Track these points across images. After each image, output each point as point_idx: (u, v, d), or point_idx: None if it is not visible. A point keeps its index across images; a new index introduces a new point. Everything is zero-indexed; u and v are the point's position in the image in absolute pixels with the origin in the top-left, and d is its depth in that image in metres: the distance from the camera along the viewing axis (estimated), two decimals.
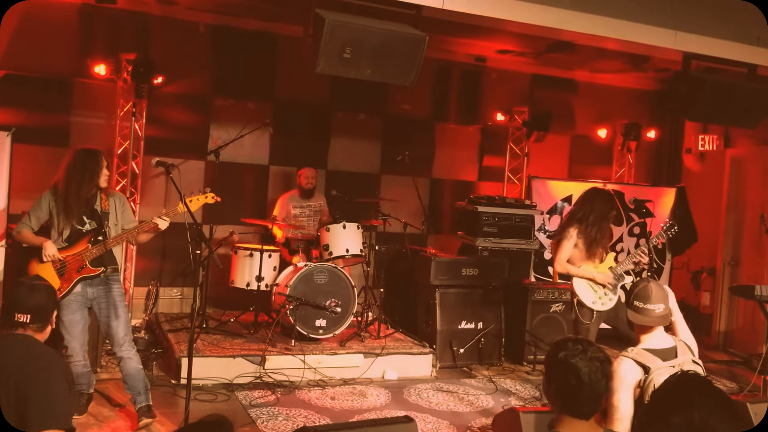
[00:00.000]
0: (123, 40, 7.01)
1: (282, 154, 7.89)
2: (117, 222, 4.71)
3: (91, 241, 4.59)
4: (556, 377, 2.33)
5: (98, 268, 4.61)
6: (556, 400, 2.35)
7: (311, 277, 6.36)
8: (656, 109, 9.30)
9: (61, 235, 4.57)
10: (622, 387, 3.15)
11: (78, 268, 4.58)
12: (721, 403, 1.57)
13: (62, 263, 4.55)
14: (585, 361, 2.30)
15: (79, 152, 4.70)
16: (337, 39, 4.55)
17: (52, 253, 4.50)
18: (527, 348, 6.89)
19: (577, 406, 2.29)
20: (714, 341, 8.63)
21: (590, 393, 2.28)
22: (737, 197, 8.72)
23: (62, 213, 4.55)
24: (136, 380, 4.67)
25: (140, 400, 4.67)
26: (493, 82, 8.69)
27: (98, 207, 4.66)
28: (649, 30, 5.51)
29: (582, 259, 5.29)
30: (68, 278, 4.56)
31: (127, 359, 4.65)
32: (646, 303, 3.33)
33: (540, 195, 8.16)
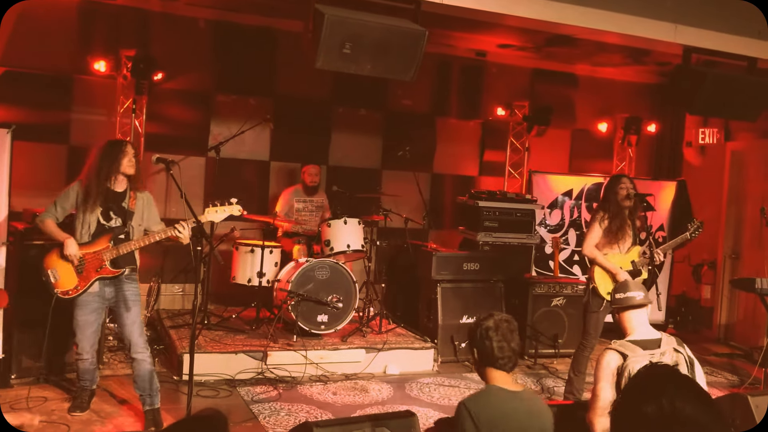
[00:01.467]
0: (123, 36, 7.00)
1: (283, 150, 7.89)
2: (141, 222, 4.63)
3: (113, 240, 4.50)
4: (476, 342, 2.95)
5: (117, 270, 4.52)
6: (482, 361, 2.95)
7: (313, 273, 6.37)
8: (657, 102, 9.29)
9: (88, 229, 4.48)
10: (603, 377, 3.37)
11: (97, 267, 4.49)
12: (685, 387, 1.63)
13: (81, 261, 4.46)
14: (494, 322, 2.92)
15: (105, 143, 4.66)
16: (337, 34, 4.54)
17: (73, 252, 4.42)
18: (528, 342, 6.90)
19: (499, 362, 2.89)
20: (715, 334, 8.65)
21: (507, 348, 2.89)
22: (738, 190, 8.72)
23: (88, 203, 4.46)
24: (146, 382, 4.60)
25: (149, 402, 4.61)
26: (493, 76, 8.68)
27: (126, 204, 4.57)
28: (649, 23, 5.51)
29: (609, 244, 5.33)
30: (86, 277, 4.49)
31: (141, 360, 4.58)
32: (626, 292, 3.62)
33: (541, 189, 8.16)
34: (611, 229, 5.31)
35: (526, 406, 2.88)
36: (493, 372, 2.92)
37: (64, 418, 4.69)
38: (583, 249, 5.43)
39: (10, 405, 4.78)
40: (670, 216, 8.52)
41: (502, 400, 2.85)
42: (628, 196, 5.30)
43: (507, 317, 2.98)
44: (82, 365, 4.70)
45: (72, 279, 4.46)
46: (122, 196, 4.59)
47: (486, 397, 2.88)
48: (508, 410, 2.83)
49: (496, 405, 2.83)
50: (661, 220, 8.48)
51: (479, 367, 2.99)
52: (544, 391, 6.06)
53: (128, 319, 4.56)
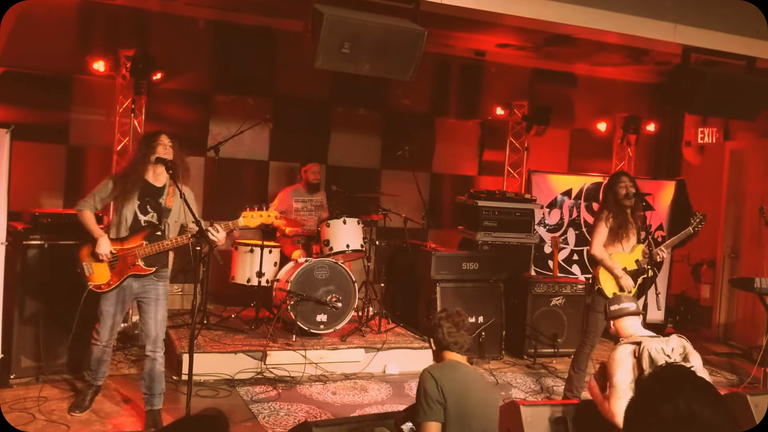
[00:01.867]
0: (122, 36, 7.00)
1: (282, 150, 7.89)
2: (178, 219, 4.62)
3: (147, 238, 4.51)
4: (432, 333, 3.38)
5: (150, 268, 4.54)
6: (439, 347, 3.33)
7: (312, 273, 6.37)
8: (656, 102, 9.30)
9: (125, 223, 4.49)
10: (620, 368, 3.52)
11: (130, 264, 4.51)
12: (702, 390, 1.63)
13: (115, 257, 4.49)
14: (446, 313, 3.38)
15: (141, 137, 4.81)
16: (336, 34, 4.54)
17: (105, 251, 4.45)
18: (528, 341, 6.91)
19: (452, 345, 3.29)
20: (714, 334, 8.65)
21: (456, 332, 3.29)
22: (737, 190, 8.73)
23: (125, 193, 4.47)
24: (154, 381, 4.60)
25: (151, 402, 4.61)
26: (492, 76, 8.68)
27: (163, 201, 4.57)
28: (649, 23, 5.51)
29: (613, 243, 5.35)
30: (119, 272, 4.51)
31: (152, 359, 4.58)
32: (620, 303, 3.91)
33: (540, 189, 8.17)
34: (614, 228, 5.32)
35: (482, 379, 3.31)
36: (449, 354, 3.30)
37: (63, 418, 4.69)
38: (591, 249, 5.42)
39: (9, 405, 4.78)
40: (669, 215, 8.52)
41: (463, 372, 3.21)
42: (627, 195, 5.30)
43: (458, 310, 3.43)
44: (96, 351, 4.71)
45: (105, 274, 4.50)
46: (161, 191, 4.60)
47: (449, 368, 3.22)
48: (469, 381, 3.18)
49: (458, 375, 3.17)
50: (661, 220, 8.49)
51: (436, 351, 3.36)
52: (544, 390, 6.06)
53: (153, 316, 4.58)
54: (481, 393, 3.21)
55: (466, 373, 3.24)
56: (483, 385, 3.31)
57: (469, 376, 3.24)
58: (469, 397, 3.12)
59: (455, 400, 3.07)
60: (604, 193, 5.57)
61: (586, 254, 5.57)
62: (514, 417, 3.85)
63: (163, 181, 4.60)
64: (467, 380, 3.19)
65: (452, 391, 3.08)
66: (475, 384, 3.22)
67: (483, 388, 3.27)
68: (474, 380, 3.24)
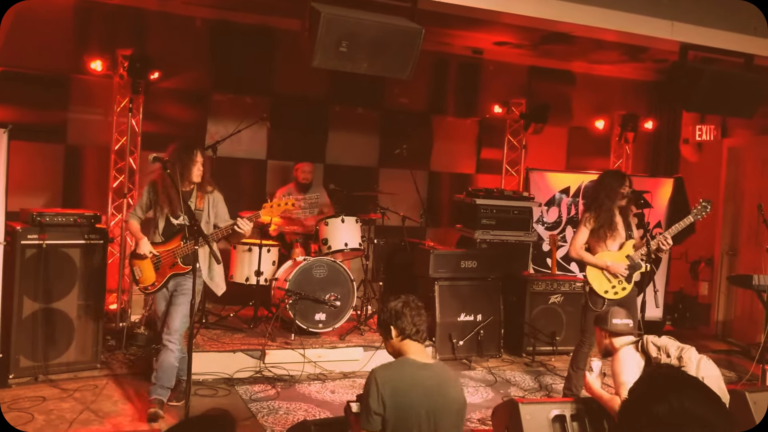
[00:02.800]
0: (119, 35, 6.98)
1: (280, 149, 7.88)
2: (209, 220, 4.87)
3: (184, 239, 4.78)
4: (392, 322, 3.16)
5: (188, 266, 4.74)
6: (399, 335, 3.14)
7: (310, 272, 6.37)
8: (654, 99, 9.30)
9: (157, 228, 4.83)
10: (626, 366, 3.56)
11: (170, 264, 4.80)
12: (694, 387, 1.65)
13: (158, 258, 4.80)
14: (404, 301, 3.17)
15: (177, 145, 4.83)
16: (333, 33, 4.54)
17: (146, 250, 4.77)
18: (526, 339, 6.92)
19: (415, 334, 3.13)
20: (712, 331, 8.66)
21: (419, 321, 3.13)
22: (735, 187, 8.74)
23: (158, 204, 4.78)
24: (166, 373, 4.72)
25: (159, 392, 4.72)
26: (490, 74, 8.68)
27: (192, 203, 4.80)
28: (646, 21, 5.51)
29: (598, 242, 5.29)
30: (162, 273, 4.82)
31: (169, 350, 4.73)
32: (622, 318, 3.95)
33: (538, 187, 8.17)
34: (595, 228, 5.25)
35: (437, 378, 3.05)
36: (410, 344, 3.12)
37: (62, 417, 4.69)
38: (569, 252, 5.41)
39: (8, 405, 4.78)
40: (667, 213, 8.53)
41: (412, 370, 3.03)
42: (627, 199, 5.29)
43: (413, 297, 3.24)
44: (166, 357, 4.78)
45: (151, 276, 4.83)
46: (189, 195, 4.83)
47: (397, 366, 3.07)
48: (417, 379, 3.00)
49: (405, 374, 3.01)
50: (659, 217, 8.49)
51: (395, 342, 3.16)
52: (543, 388, 6.07)
53: (176, 307, 4.79)
54: (430, 390, 2.98)
55: (417, 370, 3.03)
56: (434, 383, 3.01)
57: (420, 373, 3.02)
58: (413, 396, 2.94)
59: (396, 406, 2.90)
60: (597, 188, 5.41)
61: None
62: (513, 415, 3.86)
63: (191, 186, 4.86)
64: (416, 378, 2.99)
65: (394, 390, 2.91)
66: (424, 382, 2.99)
67: (433, 386, 3.00)
68: (424, 378, 3.01)
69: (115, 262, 6.78)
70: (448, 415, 3.02)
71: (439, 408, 2.98)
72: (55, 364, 5.39)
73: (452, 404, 3.06)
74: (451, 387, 3.09)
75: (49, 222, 5.32)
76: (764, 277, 6.45)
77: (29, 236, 5.25)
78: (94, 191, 7.07)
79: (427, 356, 3.17)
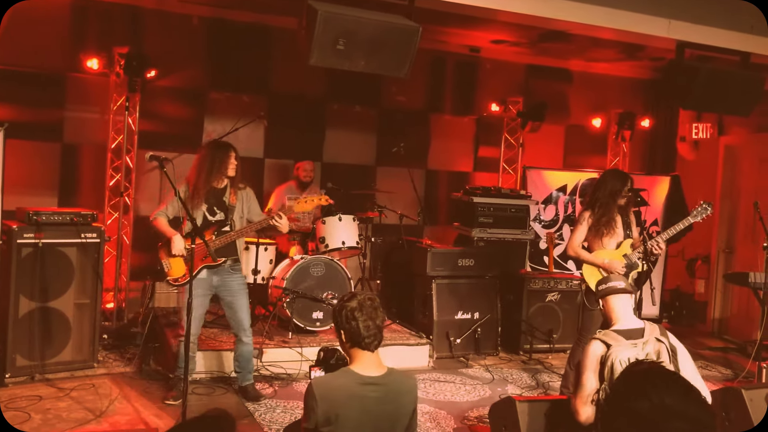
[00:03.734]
0: (115, 33, 6.97)
1: (277, 147, 7.88)
2: (243, 215, 5.11)
3: (216, 233, 4.99)
4: (342, 324, 2.90)
5: (220, 258, 5.00)
6: (348, 341, 2.90)
7: (307, 270, 6.37)
8: (650, 97, 9.31)
9: (194, 225, 4.88)
10: (589, 366, 3.45)
11: (202, 256, 4.96)
12: (673, 382, 1.65)
13: (190, 252, 4.81)
14: (358, 302, 2.89)
15: (210, 145, 5.17)
16: (331, 31, 4.53)
17: (179, 248, 4.96)
18: (523, 337, 6.92)
19: (364, 341, 2.87)
20: (709, 328, 8.68)
21: (372, 326, 2.87)
22: (731, 185, 8.75)
23: (194, 200, 4.95)
24: (247, 362, 5.25)
25: (244, 377, 5.25)
26: (487, 72, 8.68)
27: (226, 200, 5.06)
28: (643, 19, 5.52)
29: (595, 240, 5.29)
30: (193, 265, 4.87)
31: (246, 343, 5.20)
32: (608, 282, 3.74)
33: (535, 185, 8.18)
34: (594, 226, 5.25)
35: (380, 391, 2.85)
36: (358, 352, 2.90)
37: (59, 416, 4.68)
38: (567, 249, 5.41)
39: (5, 404, 4.77)
40: (663, 211, 8.55)
41: (352, 383, 2.84)
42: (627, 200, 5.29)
43: (371, 296, 2.98)
44: (182, 348, 4.87)
45: (181, 268, 5.00)
46: (223, 191, 5.08)
47: (336, 379, 2.89)
48: (356, 393, 2.82)
49: (344, 387, 2.82)
50: (655, 215, 8.51)
51: (347, 348, 2.95)
52: (540, 386, 6.08)
53: (237, 306, 5.12)
54: (369, 406, 2.82)
55: (357, 384, 2.83)
56: (374, 397, 2.84)
57: (359, 388, 2.83)
58: (349, 411, 2.78)
59: (333, 422, 2.76)
60: (599, 188, 5.39)
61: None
62: (510, 413, 3.86)
63: (224, 183, 5.08)
64: (355, 392, 2.81)
65: (330, 403, 2.76)
66: (363, 398, 2.82)
67: (373, 401, 2.83)
68: (364, 393, 2.83)
69: (111, 260, 6.77)
70: (390, 430, 2.89)
71: (381, 424, 2.86)
72: (52, 363, 5.38)
73: (397, 418, 2.91)
74: (394, 402, 2.90)
75: (46, 221, 5.31)
76: (760, 275, 6.46)
77: (25, 235, 5.23)
78: (90, 190, 7.06)
79: (377, 367, 2.91)
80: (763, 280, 6.37)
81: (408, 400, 2.97)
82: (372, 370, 2.90)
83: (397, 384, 2.95)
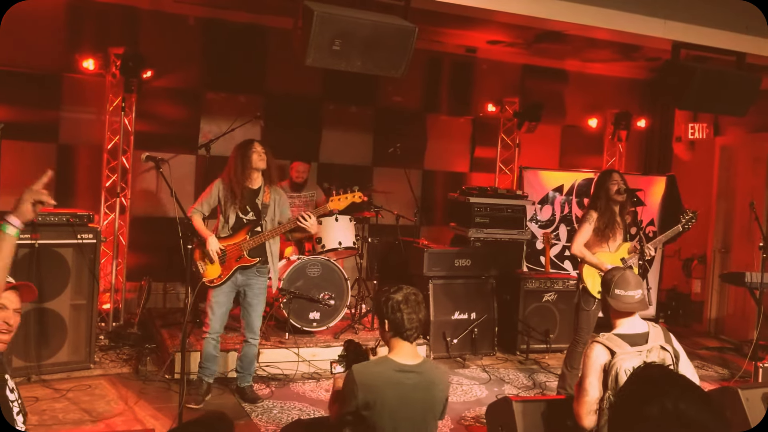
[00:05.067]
0: (111, 34, 6.96)
1: (273, 147, 7.72)
2: (274, 217, 5.14)
3: (249, 233, 5.03)
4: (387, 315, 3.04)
5: (254, 259, 5.05)
6: (390, 330, 3.05)
7: (304, 271, 6.36)
8: (646, 98, 9.33)
9: (227, 223, 5.04)
10: (592, 371, 3.34)
11: (237, 257, 5.02)
12: (688, 388, 1.61)
13: (223, 252, 5.01)
14: (404, 295, 3.04)
15: (237, 145, 5.18)
16: (327, 31, 4.53)
17: (215, 248, 4.98)
18: (520, 337, 6.93)
19: (406, 333, 3.02)
20: (705, 328, 8.70)
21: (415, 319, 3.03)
22: (727, 185, 8.77)
23: (229, 199, 5.01)
24: (250, 362, 5.25)
25: (244, 379, 5.25)
26: (483, 72, 8.69)
27: (260, 200, 5.10)
28: (639, 19, 5.52)
29: (600, 242, 5.31)
30: (228, 266, 5.03)
31: (252, 345, 5.22)
32: (627, 290, 3.51)
33: (531, 185, 8.18)
34: (600, 227, 5.30)
35: (416, 379, 3.00)
36: (398, 342, 3.05)
37: (55, 418, 4.67)
38: (572, 248, 5.41)
39: None
40: (660, 211, 8.56)
41: (390, 370, 2.99)
42: (619, 191, 5.30)
43: (414, 290, 3.12)
44: (207, 347, 5.13)
45: (216, 269, 5.02)
46: (257, 192, 5.11)
47: (376, 365, 3.03)
48: (393, 380, 2.96)
49: (382, 373, 2.97)
50: (651, 215, 8.52)
51: (387, 337, 3.09)
52: (536, 386, 6.08)
53: (253, 307, 5.16)
54: (405, 391, 2.96)
55: (395, 371, 2.98)
56: (410, 384, 2.98)
57: (397, 374, 2.97)
58: (386, 396, 2.92)
59: (371, 405, 2.89)
60: (595, 190, 5.50)
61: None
62: (507, 413, 3.87)
63: (259, 183, 5.11)
64: (393, 379, 2.96)
65: (369, 389, 2.90)
66: (400, 384, 2.96)
67: (409, 387, 2.97)
68: (401, 379, 2.97)
69: (107, 261, 6.76)
70: (422, 415, 3.03)
71: (415, 409, 2.98)
72: (48, 364, 5.37)
73: (430, 404, 3.05)
74: (429, 389, 3.04)
75: (42, 221, 5.29)
76: (756, 275, 6.47)
77: (21, 236, 5.19)
78: (86, 190, 7.04)
79: (413, 356, 3.07)
80: (759, 279, 6.38)
81: (441, 389, 3.11)
82: (409, 359, 3.04)
83: (431, 372, 3.09)
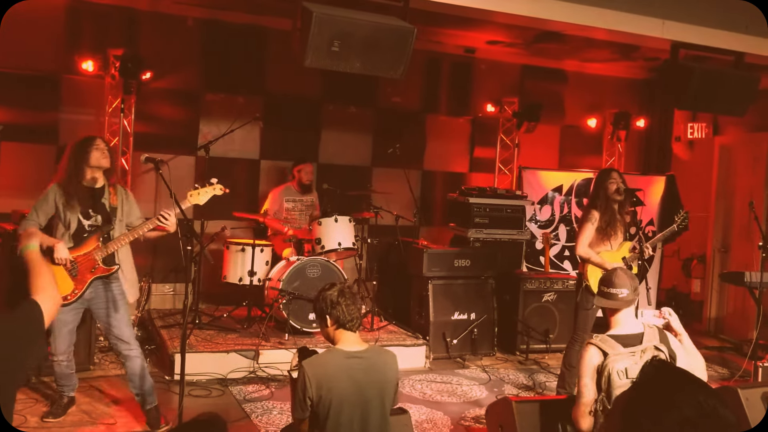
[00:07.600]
0: (110, 35, 6.97)
1: (273, 149, 7.87)
2: (122, 218, 4.52)
3: (102, 239, 4.39)
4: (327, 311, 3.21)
5: (112, 267, 4.42)
6: (334, 324, 3.20)
7: (304, 271, 6.36)
8: (645, 97, 9.33)
9: (68, 230, 4.35)
10: (587, 373, 3.35)
11: (91, 268, 4.36)
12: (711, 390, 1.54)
13: (73, 264, 4.31)
14: (338, 290, 3.21)
15: (75, 141, 4.53)
16: (325, 32, 4.53)
17: (63, 256, 4.25)
18: (520, 338, 6.93)
19: (349, 323, 3.19)
20: (705, 328, 8.70)
21: (354, 309, 3.21)
22: (726, 185, 8.77)
23: (67, 203, 4.34)
24: (140, 379, 4.50)
25: (149, 400, 4.54)
26: (483, 73, 8.69)
27: (106, 201, 4.47)
28: (637, 19, 5.53)
29: (602, 241, 5.31)
30: (81, 279, 4.34)
31: (134, 357, 4.48)
32: (610, 287, 3.52)
33: (531, 185, 8.18)
34: (602, 226, 5.30)
35: (365, 363, 3.16)
36: (343, 333, 3.21)
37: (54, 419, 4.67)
38: (576, 249, 5.40)
39: None
40: (659, 210, 8.56)
41: (339, 357, 3.15)
42: (618, 190, 5.31)
43: (348, 284, 3.38)
44: (58, 368, 4.59)
45: (68, 284, 4.29)
46: (101, 192, 4.49)
47: (324, 357, 3.19)
48: (344, 366, 3.12)
49: (331, 363, 3.13)
50: (651, 215, 8.52)
51: (330, 330, 3.24)
52: (536, 386, 6.09)
53: (117, 319, 4.44)
54: (357, 376, 3.11)
55: (344, 359, 3.14)
56: (361, 368, 3.13)
57: (346, 362, 3.13)
58: (339, 384, 3.06)
59: (326, 396, 3.02)
60: (594, 189, 5.50)
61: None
62: (507, 413, 3.87)
63: (102, 182, 4.49)
64: (343, 366, 3.12)
65: (321, 380, 3.03)
66: (351, 370, 3.11)
67: (360, 371, 3.12)
68: (351, 366, 3.12)
69: None
70: (378, 397, 3.16)
71: (369, 392, 3.13)
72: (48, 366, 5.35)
73: (382, 386, 3.19)
74: (380, 371, 3.20)
75: None
76: (756, 274, 6.47)
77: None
78: None
79: (359, 343, 3.23)
80: (758, 279, 6.39)
81: (391, 370, 3.26)
82: (356, 346, 3.21)
83: (380, 356, 3.27)
